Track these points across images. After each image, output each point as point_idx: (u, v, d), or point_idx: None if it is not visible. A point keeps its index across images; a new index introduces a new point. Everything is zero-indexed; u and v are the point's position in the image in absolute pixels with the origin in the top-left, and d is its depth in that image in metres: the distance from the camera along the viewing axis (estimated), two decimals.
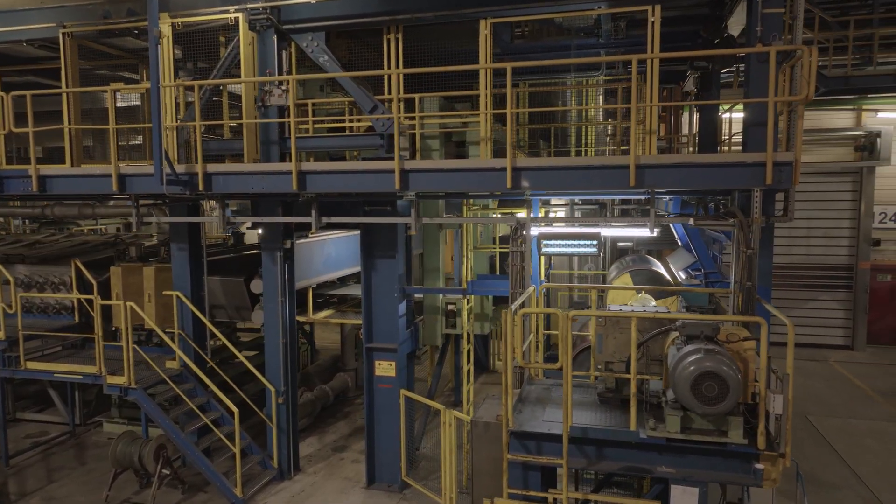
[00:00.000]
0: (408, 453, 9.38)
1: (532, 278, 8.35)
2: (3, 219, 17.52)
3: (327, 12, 8.37)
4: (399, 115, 7.56)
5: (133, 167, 8.60)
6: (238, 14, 8.34)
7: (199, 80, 8.35)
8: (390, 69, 8.31)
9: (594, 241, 7.32)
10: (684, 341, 5.80)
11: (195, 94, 8.04)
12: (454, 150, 9.67)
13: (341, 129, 10.33)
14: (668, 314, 6.16)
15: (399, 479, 9.24)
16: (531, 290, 7.30)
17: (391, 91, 8.32)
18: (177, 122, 8.50)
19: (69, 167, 9.11)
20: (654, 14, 6.95)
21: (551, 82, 12.24)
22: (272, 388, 9.49)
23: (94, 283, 9.39)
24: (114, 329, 10.73)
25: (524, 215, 8.56)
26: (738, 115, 13.82)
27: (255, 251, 12.63)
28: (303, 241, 10.23)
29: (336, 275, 11.72)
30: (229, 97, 10.25)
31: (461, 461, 9.49)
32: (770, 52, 6.19)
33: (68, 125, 9.15)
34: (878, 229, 17.21)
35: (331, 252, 11.40)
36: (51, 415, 12.28)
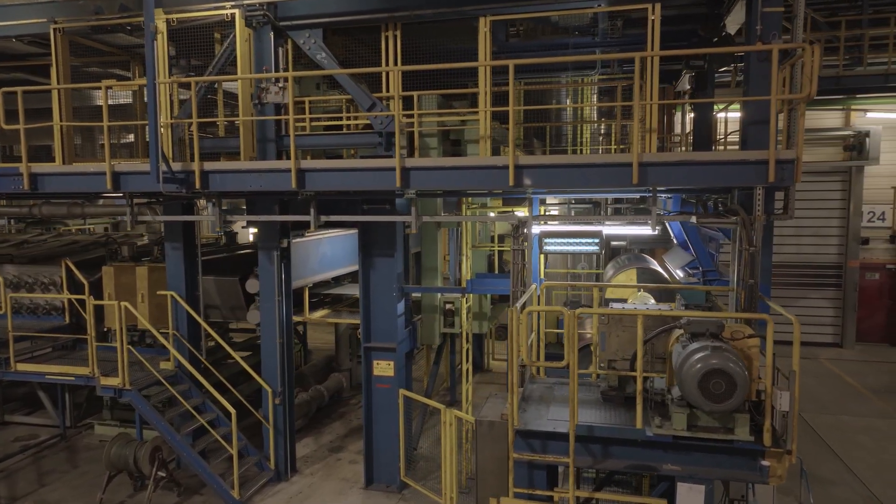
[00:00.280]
0: (406, 453, 9.32)
1: (532, 277, 8.32)
2: None
3: (325, 9, 8.29)
4: (398, 112, 7.50)
5: (128, 165, 8.47)
6: (234, 10, 8.24)
7: (197, 77, 8.23)
8: (388, 67, 8.25)
9: (596, 240, 7.31)
10: (689, 339, 5.80)
11: (192, 91, 7.92)
12: (450, 149, 9.62)
13: (337, 127, 10.26)
14: (673, 312, 6.15)
15: (398, 479, 9.17)
16: (533, 289, 7.27)
17: (390, 89, 8.27)
18: (171, 119, 8.39)
19: (61, 165, 8.97)
20: (654, 12, 6.96)
21: (546, 81, 12.24)
22: (269, 389, 9.39)
23: (85, 283, 9.23)
24: (105, 330, 10.58)
25: (524, 214, 8.54)
26: (733, 114, 13.98)
27: (248, 251, 12.50)
28: (299, 239, 10.13)
29: (332, 274, 11.63)
30: (224, 95, 10.11)
31: (460, 461, 9.44)
32: (772, 50, 6.22)
33: (60, 122, 9.01)
34: (866, 228, 17.40)
35: (326, 251, 11.31)
36: (40, 417, 12.06)
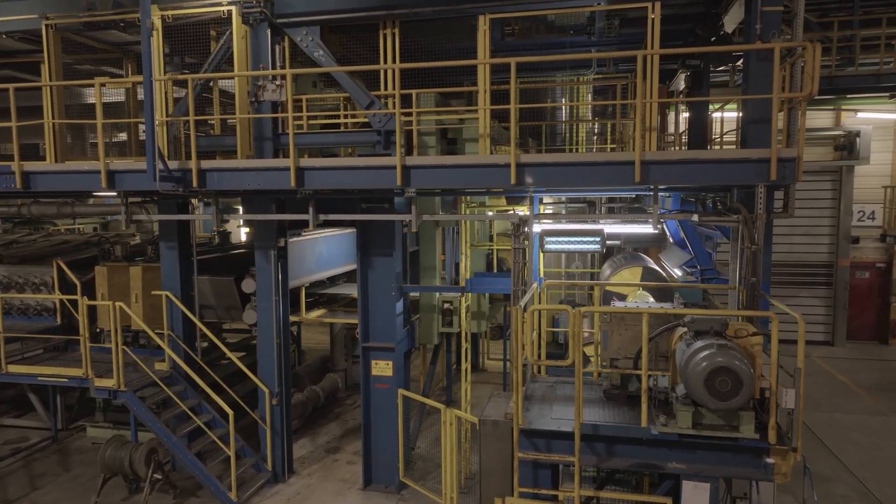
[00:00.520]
0: (404, 454, 9.26)
1: (532, 275, 8.30)
2: None
3: (323, 6, 8.22)
4: (399, 110, 7.44)
5: (124, 163, 8.35)
6: (231, 7, 8.15)
7: (195, 74, 8.13)
8: (388, 64, 8.19)
9: (597, 238, 7.30)
10: (693, 337, 5.80)
11: (189, 89, 7.82)
12: (446, 148, 9.57)
13: (334, 125, 10.19)
14: (677, 310, 6.15)
15: (397, 479, 9.12)
16: (535, 288, 7.25)
17: (389, 87, 8.21)
18: (167, 117, 8.28)
19: (54, 163, 8.84)
20: (654, 11, 6.95)
21: (541, 80, 12.22)
22: (266, 390, 9.30)
23: (77, 283, 9.10)
24: (98, 330, 10.44)
25: (524, 212, 8.51)
26: (729, 114, 14.05)
27: (242, 250, 12.39)
28: (295, 239, 10.04)
29: (328, 273, 11.54)
30: (219, 94, 10.01)
31: (459, 461, 9.39)
32: (774, 48, 6.24)
33: (52, 120, 8.88)
34: (856, 227, 17.56)
35: (322, 251, 11.22)
36: (31, 420, 11.86)
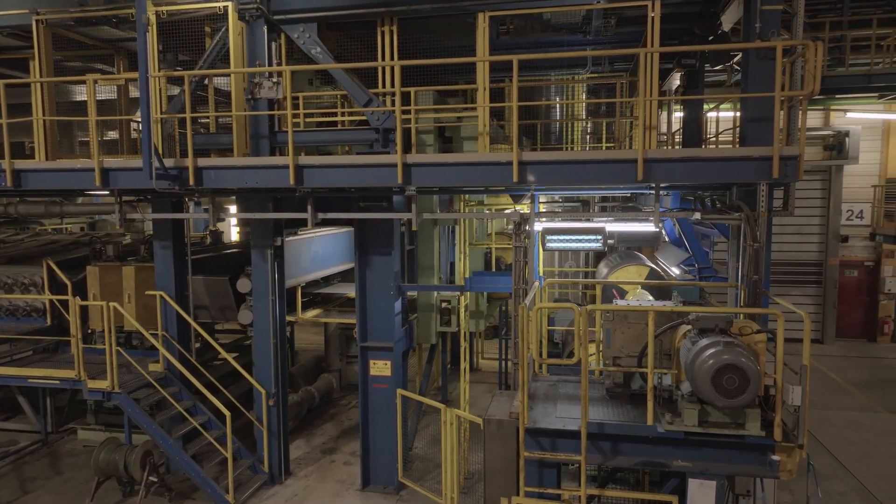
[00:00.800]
0: (402, 454, 9.20)
1: (533, 274, 8.27)
2: None
3: (320, 2, 8.16)
4: (398, 108, 7.38)
5: (118, 161, 8.22)
6: (227, 3, 8.05)
7: (191, 71, 8.02)
8: (388, 61, 8.12)
9: (599, 237, 7.29)
10: (697, 335, 5.79)
11: (185, 85, 7.71)
12: (442, 146, 9.52)
13: (330, 123, 10.09)
14: (681, 308, 6.14)
15: (395, 480, 9.05)
16: (537, 286, 7.22)
17: (387, 84, 8.14)
18: (162, 114, 8.16)
19: (45, 161, 8.68)
20: (654, 9, 6.96)
21: (535, 79, 12.20)
22: (262, 390, 9.20)
23: (68, 283, 8.94)
24: (90, 331, 10.27)
25: (524, 210, 8.48)
26: (724, 114, 14.10)
27: (236, 250, 12.26)
28: (291, 238, 9.95)
29: (324, 273, 11.46)
30: (214, 92, 9.88)
31: (459, 461, 9.34)
32: (776, 47, 6.26)
33: (42, 117, 8.72)
34: (845, 226, 17.77)
35: (318, 250, 11.12)
36: (20, 423, 11.65)
